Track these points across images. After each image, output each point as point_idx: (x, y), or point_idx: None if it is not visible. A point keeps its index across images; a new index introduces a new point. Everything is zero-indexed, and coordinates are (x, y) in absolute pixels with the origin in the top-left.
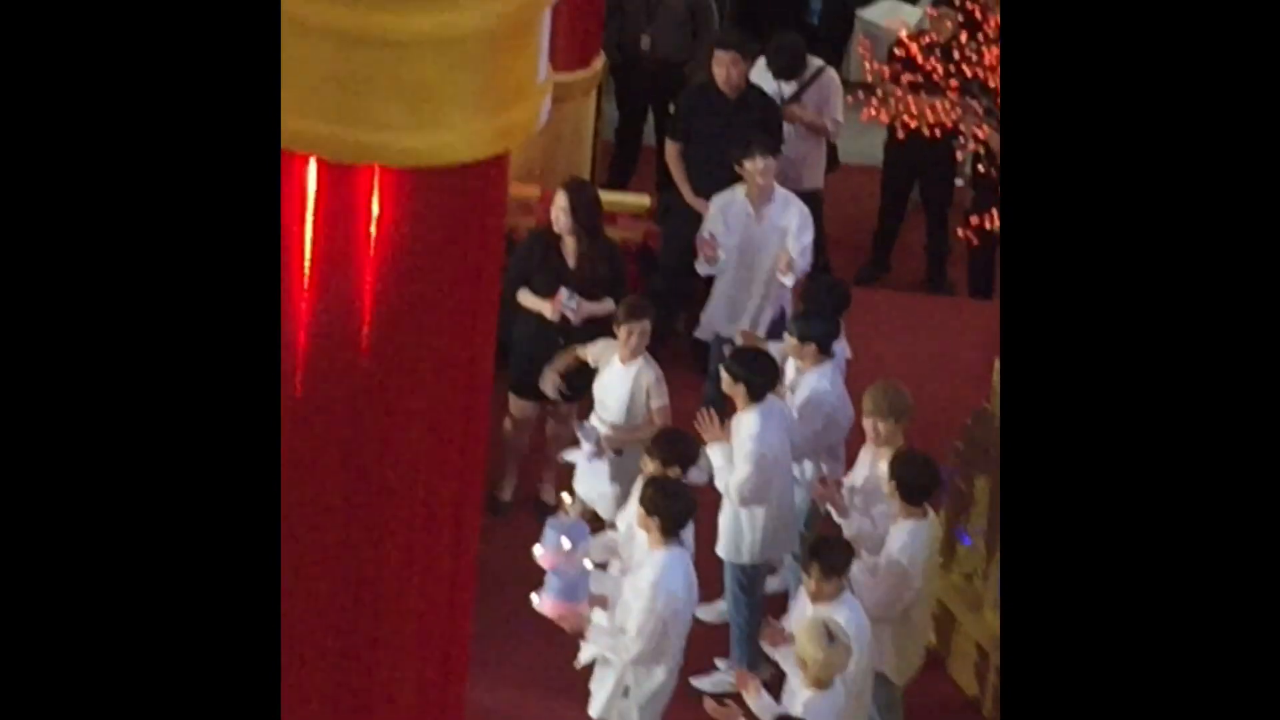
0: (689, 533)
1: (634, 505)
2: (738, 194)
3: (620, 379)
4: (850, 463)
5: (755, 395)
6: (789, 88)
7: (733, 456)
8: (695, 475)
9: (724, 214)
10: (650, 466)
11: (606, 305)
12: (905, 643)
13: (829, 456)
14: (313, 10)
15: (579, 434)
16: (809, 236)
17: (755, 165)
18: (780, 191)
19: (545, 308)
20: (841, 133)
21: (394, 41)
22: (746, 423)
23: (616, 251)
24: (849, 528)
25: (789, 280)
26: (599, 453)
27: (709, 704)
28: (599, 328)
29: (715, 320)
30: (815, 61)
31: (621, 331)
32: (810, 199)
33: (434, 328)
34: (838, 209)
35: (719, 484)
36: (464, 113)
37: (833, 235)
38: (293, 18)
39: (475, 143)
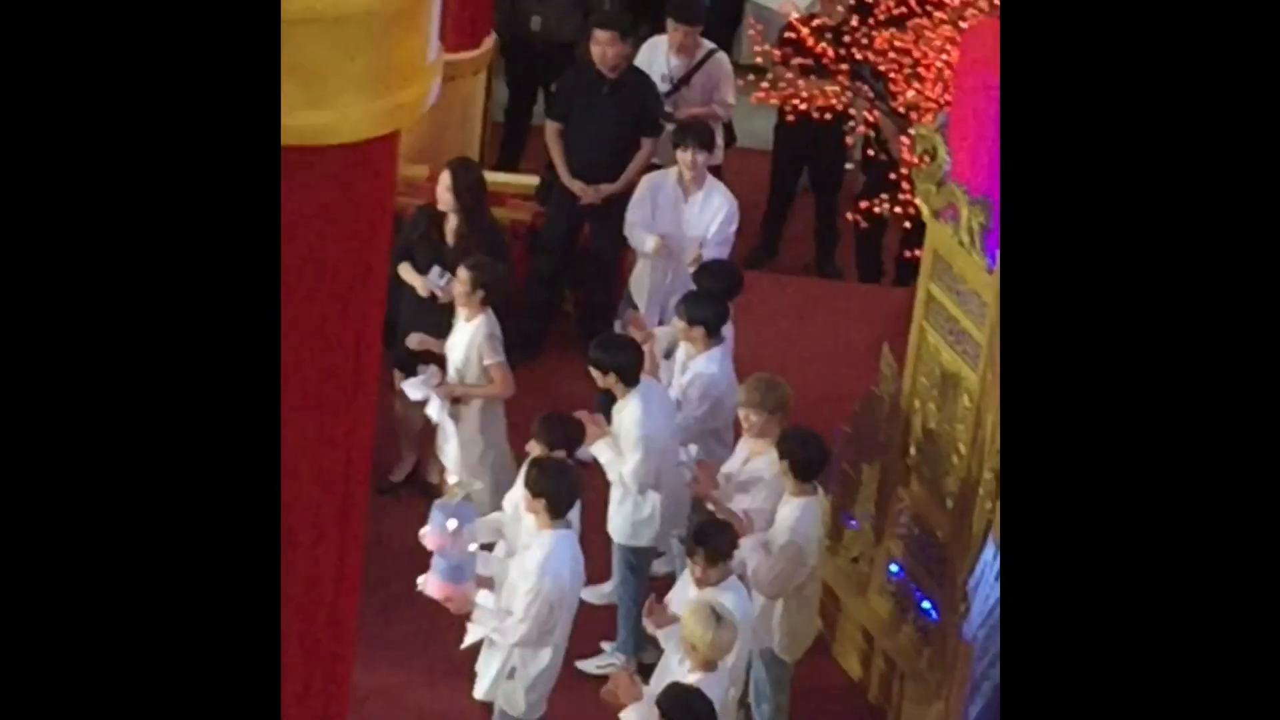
0: (575, 514)
1: (519, 487)
2: (669, 178)
3: (460, 334)
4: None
5: (629, 380)
6: (679, 67)
7: (620, 446)
8: (583, 453)
9: (652, 196)
10: (536, 449)
11: None
12: (797, 620)
13: (716, 441)
14: None
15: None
16: (732, 229)
17: (685, 157)
18: (711, 181)
19: (420, 284)
20: (732, 115)
21: (283, 20)
22: (629, 409)
23: (496, 232)
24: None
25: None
26: (429, 388)
27: (606, 690)
28: None
29: (633, 297)
30: (706, 44)
31: (458, 287)
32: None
33: (321, 306)
34: None
35: (610, 475)
36: (353, 92)
37: None
38: None
39: (364, 122)
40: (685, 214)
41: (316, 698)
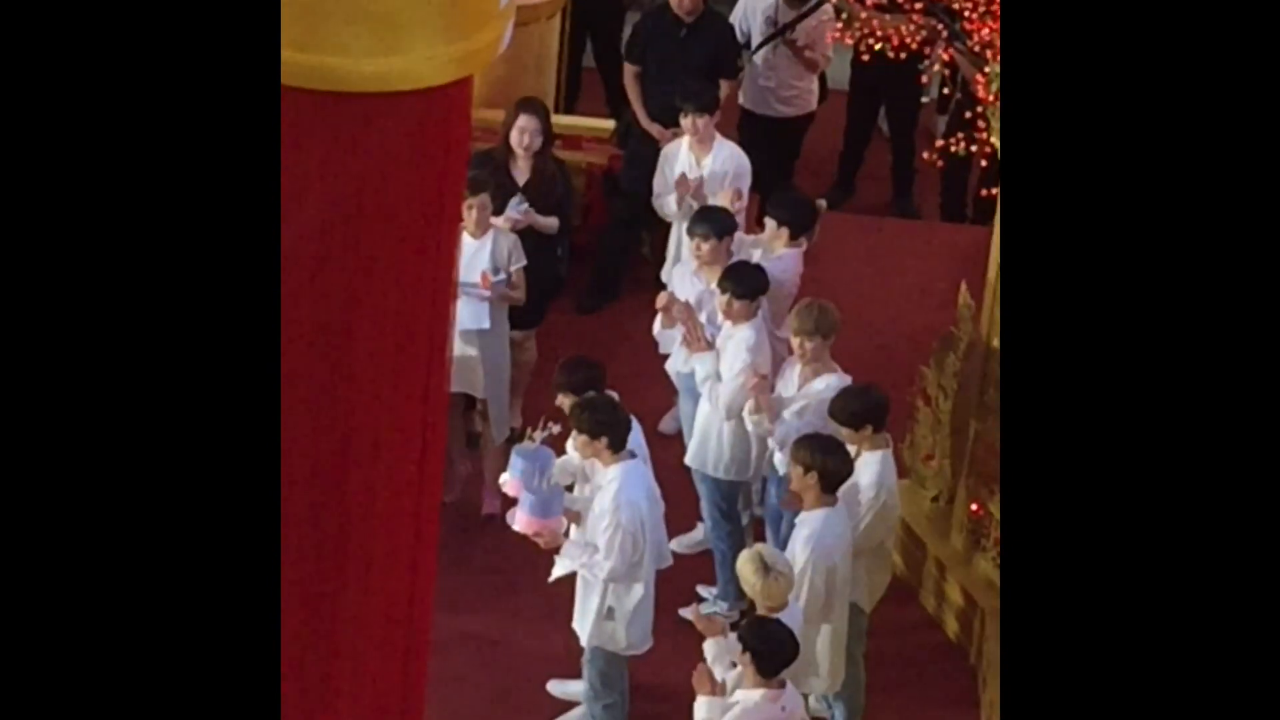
0: (640, 443)
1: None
2: (682, 146)
3: (477, 252)
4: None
5: (754, 311)
6: (786, 12)
7: (720, 368)
8: (667, 424)
9: (668, 165)
10: (565, 400)
11: (551, 221)
12: (876, 573)
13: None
14: None
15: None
16: (745, 185)
17: (688, 123)
18: (720, 140)
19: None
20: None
21: None
22: (742, 335)
23: (564, 172)
24: (775, 434)
25: (738, 207)
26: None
27: (693, 613)
28: (542, 251)
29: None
30: None
31: (464, 208)
32: (802, 122)
33: (396, 252)
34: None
35: (702, 390)
36: (427, 38)
37: (799, 158)
38: None
39: (438, 68)
40: (701, 176)
41: (398, 648)
